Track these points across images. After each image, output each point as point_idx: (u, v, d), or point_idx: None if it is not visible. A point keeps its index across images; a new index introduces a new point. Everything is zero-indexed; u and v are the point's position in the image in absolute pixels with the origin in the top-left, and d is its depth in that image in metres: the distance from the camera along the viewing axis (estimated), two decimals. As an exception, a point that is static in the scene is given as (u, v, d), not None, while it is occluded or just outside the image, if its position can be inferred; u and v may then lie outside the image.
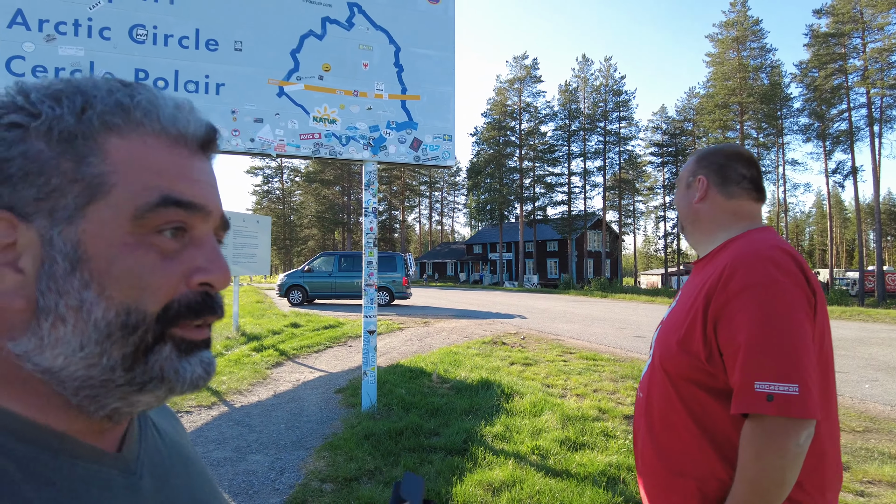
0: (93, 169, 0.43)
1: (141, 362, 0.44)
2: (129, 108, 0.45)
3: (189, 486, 0.57)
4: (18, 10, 4.40)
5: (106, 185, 0.43)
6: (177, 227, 0.46)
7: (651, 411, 1.35)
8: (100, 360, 0.43)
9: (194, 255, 0.47)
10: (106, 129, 0.44)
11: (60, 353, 0.42)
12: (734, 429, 1.19)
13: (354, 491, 3.45)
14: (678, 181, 1.51)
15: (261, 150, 5.06)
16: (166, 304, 0.45)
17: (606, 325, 13.80)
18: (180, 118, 0.48)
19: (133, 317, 0.43)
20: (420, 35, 5.53)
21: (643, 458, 1.37)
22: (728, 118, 43.51)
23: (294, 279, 19.30)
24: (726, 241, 1.35)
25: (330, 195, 60.73)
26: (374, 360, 5.34)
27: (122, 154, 0.44)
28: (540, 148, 50.97)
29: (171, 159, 0.47)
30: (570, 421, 4.92)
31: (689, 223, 1.45)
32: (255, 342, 9.44)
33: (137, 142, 0.45)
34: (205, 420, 5.17)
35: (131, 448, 0.51)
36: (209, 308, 0.48)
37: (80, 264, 0.42)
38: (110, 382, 0.44)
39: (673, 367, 1.28)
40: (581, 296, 30.09)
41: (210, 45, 4.91)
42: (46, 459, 0.43)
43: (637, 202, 57.03)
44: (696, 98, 50.90)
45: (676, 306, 1.38)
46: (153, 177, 0.45)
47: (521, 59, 50.92)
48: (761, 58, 43.73)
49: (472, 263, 59.51)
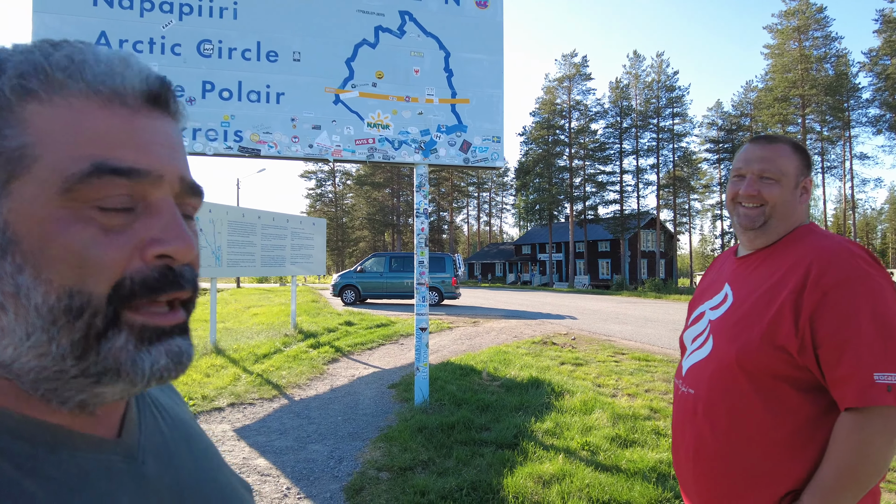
0: (10, 142, 0.39)
1: (93, 350, 0.40)
2: (44, 69, 0.40)
3: (194, 464, 0.54)
4: (102, 33, 4.81)
5: (28, 157, 0.39)
6: (122, 204, 0.41)
7: (714, 409, 1.31)
8: (48, 348, 0.39)
9: (148, 225, 0.42)
10: (22, 95, 0.40)
11: (9, 344, 0.40)
12: (818, 423, 1.20)
13: (409, 480, 3.61)
14: (783, 176, 1.37)
15: (319, 156, 5.32)
16: (116, 282, 0.40)
17: (660, 326, 13.54)
18: (113, 74, 0.43)
19: (77, 299, 0.39)
20: (469, 40, 5.67)
21: (703, 458, 1.33)
22: (788, 112, 41.68)
23: (347, 279, 19.82)
24: (788, 237, 1.37)
25: (380, 198, 61.82)
26: (426, 357, 5.51)
27: (44, 121, 0.39)
28: (590, 146, 50.21)
29: (107, 121, 0.41)
30: (620, 419, 4.94)
31: (783, 221, 1.37)
32: (312, 339, 9.81)
33: (62, 105, 0.40)
34: (266, 412, 5.46)
35: (131, 432, 0.49)
36: (171, 283, 0.43)
37: (10, 247, 0.39)
38: (64, 374, 0.40)
39: (755, 363, 1.25)
40: (634, 297, 29.49)
41: (270, 56, 5.20)
42: (43, 455, 0.41)
43: (693, 200, 55.33)
44: (753, 92, 49.01)
45: (739, 301, 1.36)
46: (84, 143, 0.40)
47: (570, 57, 50.33)
48: (825, 47, 41.70)
49: (520, 264, 59.20)
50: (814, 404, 1.22)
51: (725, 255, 1.60)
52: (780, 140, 1.43)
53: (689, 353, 1.48)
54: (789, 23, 42.61)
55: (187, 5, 4.99)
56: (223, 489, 0.55)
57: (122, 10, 4.86)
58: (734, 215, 1.44)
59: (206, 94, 5.03)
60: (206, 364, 7.26)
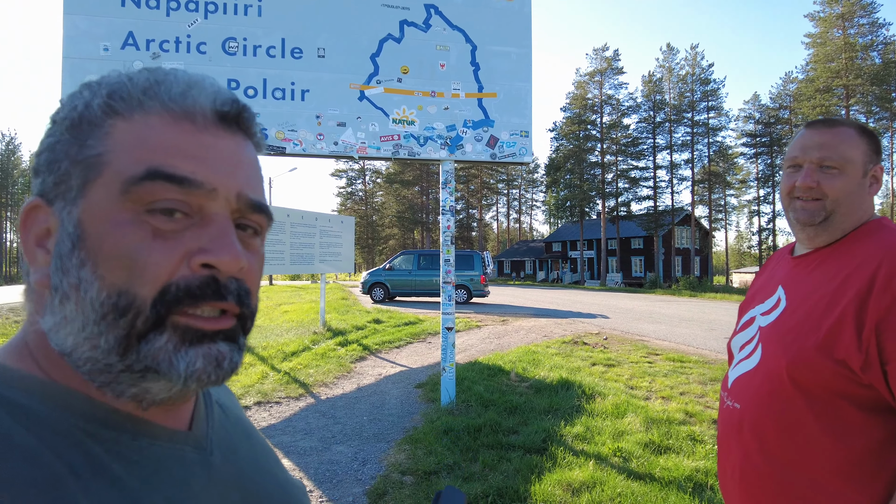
0: (90, 150, 0.45)
1: (133, 350, 0.43)
2: (129, 91, 0.47)
3: (255, 459, 0.59)
4: (129, 33, 4.83)
5: (101, 164, 0.44)
6: (172, 208, 0.44)
7: (763, 428, 1.17)
8: (98, 341, 0.43)
9: (198, 236, 0.45)
10: (107, 113, 0.46)
11: (70, 332, 0.44)
12: (888, 450, 1.04)
13: (433, 484, 3.52)
14: (847, 164, 1.20)
15: (344, 153, 5.26)
16: (163, 287, 0.43)
17: (695, 325, 13.15)
18: (188, 95, 0.48)
19: (123, 299, 0.43)
20: (496, 33, 5.52)
21: (750, 480, 1.19)
22: (831, 103, 40.13)
23: (376, 277, 19.88)
24: (854, 233, 1.20)
25: (409, 195, 61.96)
26: (452, 357, 5.40)
27: (121, 134, 0.45)
28: (623, 141, 49.29)
29: (172, 135, 0.46)
30: (654, 424, 4.75)
31: (848, 216, 1.20)
32: (340, 337, 9.82)
33: (139, 122, 0.46)
34: (293, 411, 5.44)
35: (200, 426, 0.54)
36: (212, 293, 0.45)
37: (79, 242, 0.43)
38: (111, 367, 0.44)
39: (809, 376, 1.10)
40: (668, 295, 28.84)
41: (295, 53, 5.16)
42: (127, 441, 0.45)
43: (729, 196, 53.89)
44: (793, 83, 47.41)
45: (793, 306, 1.21)
46: (145, 152, 0.45)
47: (601, 51, 49.49)
48: (871, 35, 40.01)
49: (551, 262, 58.60)
50: (882, 428, 1.05)
51: (780, 254, 1.42)
52: (843, 123, 1.24)
53: (735, 362, 1.32)
54: (833, 10, 41.00)
55: (212, 4, 4.98)
56: (282, 485, 0.60)
57: (149, 9, 4.87)
58: (790, 210, 1.26)
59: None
60: (235, 362, 7.30)
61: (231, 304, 0.46)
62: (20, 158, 67.98)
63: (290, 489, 0.61)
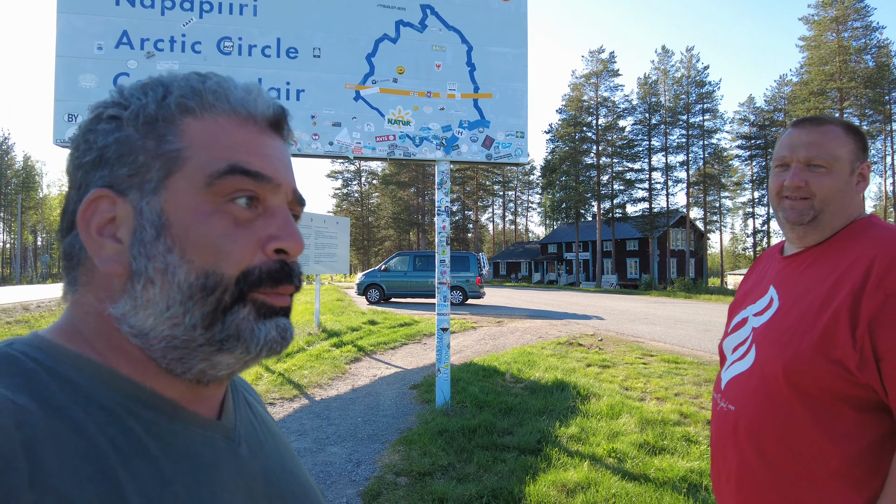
0: (170, 146, 0.49)
1: (219, 322, 0.48)
2: (201, 92, 0.51)
3: (279, 457, 0.61)
4: (124, 32, 4.80)
5: (181, 158, 0.49)
6: (249, 197, 0.50)
7: (760, 431, 1.16)
8: (182, 319, 0.47)
9: (267, 224, 0.51)
10: (182, 111, 0.50)
11: (151, 314, 0.47)
12: (885, 450, 1.03)
13: (428, 486, 3.50)
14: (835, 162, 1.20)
15: (339, 153, 5.25)
16: (246, 269, 0.49)
17: (690, 327, 13.18)
18: (249, 100, 0.53)
19: (212, 279, 0.47)
20: (492, 33, 5.52)
21: (748, 485, 1.18)
22: (825, 106, 40.37)
23: (372, 278, 19.84)
24: (844, 231, 1.19)
25: (405, 197, 61.93)
26: (447, 358, 5.39)
27: (196, 132, 0.50)
28: (618, 143, 49.40)
29: (240, 135, 0.51)
30: (649, 424, 4.75)
31: (837, 214, 1.20)
32: (335, 338, 9.79)
33: (210, 121, 0.50)
34: (287, 412, 5.42)
35: (229, 417, 0.57)
36: (287, 276, 0.51)
37: (164, 230, 0.47)
38: (192, 342, 0.48)
39: (806, 378, 1.09)
40: (663, 297, 28.90)
41: (290, 52, 5.14)
42: (164, 423, 0.49)
43: (723, 198, 54.05)
44: (787, 86, 47.66)
45: (786, 306, 1.20)
46: (222, 150, 0.50)
47: (597, 53, 49.63)
48: (865, 38, 40.30)
49: (546, 263, 58.65)
50: (879, 427, 1.04)
51: (770, 253, 1.41)
52: (830, 121, 1.23)
53: (728, 364, 1.31)
54: (827, 13, 41.26)
55: (208, 3, 4.95)
56: (303, 485, 0.62)
57: (144, 8, 4.85)
58: (779, 210, 1.26)
59: (227, 91, 4.99)
60: (230, 362, 7.27)
61: (296, 284, 0.52)
62: (13, 159, 67.25)
63: (311, 491, 0.63)
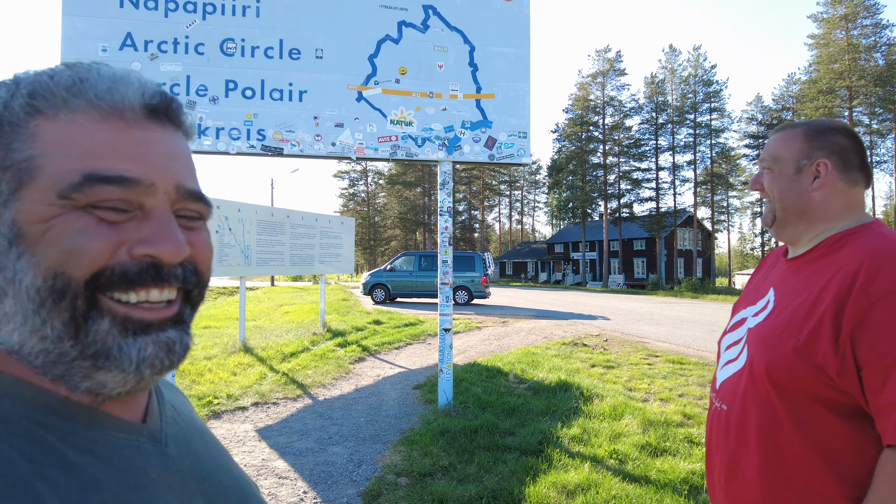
0: (19, 154, 0.44)
1: (82, 331, 0.44)
2: (50, 89, 0.45)
3: (209, 454, 0.59)
4: (128, 34, 4.84)
5: (34, 168, 0.43)
6: (114, 207, 0.45)
7: (746, 429, 1.17)
8: (44, 329, 0.43)
9: (140, 228, 0.46)
10: (30, 113, 0.44)
11: (14, 329, 0.44)
12: (864, 456, 1.03)
13: (428, 486, 3.51)
14: (775, 163, 1.25)
15: (341, 154, 5.26)
16: (98, 269, 0.44)
17: (696, 327, 13.12)
18: (116, 91, 0.47)
19: (59, 280, 0.43)
20: (495, 33, 5.52)
21: (736, 482, 1.19)
22: (834, 104, 40.05)
23: (377, 278, 19.88)
24: (840, 235, 1.18)
25: (411, 197, 62.00)
26: (449, 358, 5.39)
27: (49, 135, 0.44)
28: (625, 142, 49.22)
29: (103, 134, 0.45)
30: (651, 426, 4.73)
31: (796, 215, 1.22)
32: (340, 338, 9.81)
33: (65, 121, 0.45)
34: (290, 412, 5.44)
35: (154, 419, 0.54)
36: (151, 277, 0.46)
37: (16, 240, 0.43)
38: (65, 356, 0.44)
39: (788, 379, 1.09)
40: (670, 297, 28.78)
41: (293, 54, 5.16)
42: (82, 431, 0.46)
43: (731, 198, 53.80)
44: (796, 85, 47.27)
45: (779, 308, 1.20)
46: (78, 156, 0.44)
47: (603, 52, 49.44)
48: (875, 36, 39.93)
49: (553, 263, 58.52)
50: (858, 432, 1.04)
51: (775, 254, 1.40)
52: (796, 125, 1.26)
53: (722, 363, 1.33)
54: (836, 11, 40.92)
55: (211, 4, 4.98)
56: (237, 478, 0.61)
57: (148, 10, 4.88)
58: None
59: (230, 93, 5.02)
60: (234, 362, 7.31)
61: (174, 286, 0.48)
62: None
63: (244, 483, 0.62)
